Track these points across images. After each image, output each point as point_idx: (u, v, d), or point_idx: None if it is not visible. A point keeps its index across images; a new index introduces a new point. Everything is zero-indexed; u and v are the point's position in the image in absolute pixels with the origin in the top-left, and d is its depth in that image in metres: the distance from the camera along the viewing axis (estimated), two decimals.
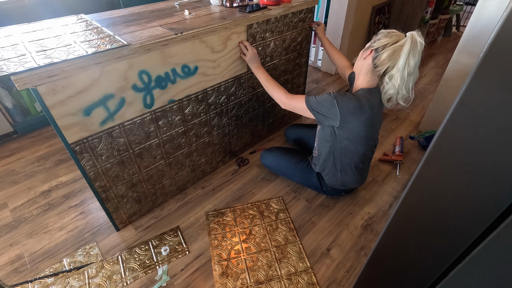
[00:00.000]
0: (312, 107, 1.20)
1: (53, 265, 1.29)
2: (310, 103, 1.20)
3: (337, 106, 1.13)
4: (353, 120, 1.16)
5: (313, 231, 1.43)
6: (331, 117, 1.17)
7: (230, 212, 1.52)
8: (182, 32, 1.15)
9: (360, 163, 1.34)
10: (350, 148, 1.27)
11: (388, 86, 1.11)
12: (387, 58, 1.07)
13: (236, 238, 1.40)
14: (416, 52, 1.03)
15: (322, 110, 1.17)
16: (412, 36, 1.03)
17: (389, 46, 1.06)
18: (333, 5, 2.55)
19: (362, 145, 1.27)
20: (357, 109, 1.13)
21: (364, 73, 1.18)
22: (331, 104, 1.14)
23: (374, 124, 1.21)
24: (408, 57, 1.03)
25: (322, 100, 1.16)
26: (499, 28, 0.37)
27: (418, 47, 1.03)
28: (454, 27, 3.85)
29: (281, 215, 1.50)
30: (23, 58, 0.91)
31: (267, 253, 1.33)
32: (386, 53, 1.07)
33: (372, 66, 1.13)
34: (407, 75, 1.06)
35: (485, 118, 0.43)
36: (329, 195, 1.58)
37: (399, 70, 1.06)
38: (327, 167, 1.41)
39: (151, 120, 1.26)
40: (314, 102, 1.19)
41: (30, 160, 1.85)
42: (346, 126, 1.18)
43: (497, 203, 0.47)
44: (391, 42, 1.06)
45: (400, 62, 1.04)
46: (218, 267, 1.28)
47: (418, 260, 0.69)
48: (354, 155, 1.30)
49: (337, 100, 1.13)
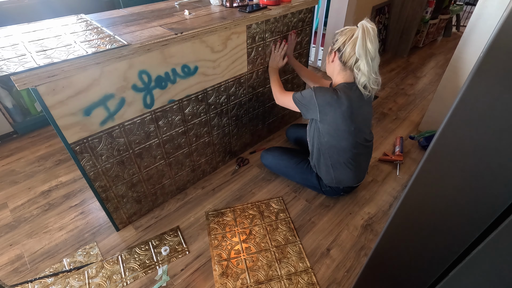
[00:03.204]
0: (296, 99, 1.32)
1: (53, 265, 1.29)
2: (295, 97, 1.32)
3: (314, 97, 1.23)
4: (330, 111, 1.23)
5: (313, 231, 1.43)
6: (311, 108, 1.26)
7: (230, 212, 1.52)
8: (182, 32, 1.15)
9: (350, 159, 1.36)
10: (333, 143, 1.31)
11: (360, 75, 1.20)
12: (351, 52, 1.17)
13: (236, 238, 1.40)
14: (371, 38, 1.12)
15: (304, 102, 1.29)
16: (363, 25, 1.12)
17: (348, 42, 1.17)
18: (333, 5, 2.55)
19: (345, 140, 1.29)
20: (333, 100, 1.21)
21: (337, 72, 1.28)
22: (310, 96, 1.24)
23: (354, 117, 1.24)
24: (366, 44, 1.12)
25: (304, 93, 1.28)
26: (499, 28, 0.37)
27: (371, 32, 1.12)
28: (454, 27, 3.85)
29: (281, 215, 1.50)
30: (23, 58, 0.91)
31: (267, 253, 1.33)
32: (348, 48, 1.17)
33: (341, 65, 1.23)
34: (371, 60, 1.15)
35: (485, 118, 0.43)
36: (329, 195, 1.58)
37: (363, 59, 1.15)
38: (320, 165, 1.43)
39: (151, 120, 1.26)
40: (298, 95, 1.31)
41: (30, 160, 1.85)
42: (326, 118, 1.25)
43: (497, 203, 0.47)
44: (348, 37, 1.17)
45: (361, 51, 1.13)
46: (218, 267, 1.28)
47: (418, 260, 0.69)
48: (339, 150, 1.33)
49: (315, 92, 1.23)
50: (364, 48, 1.12)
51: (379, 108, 2.34)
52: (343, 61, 1.21)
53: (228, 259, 1.31)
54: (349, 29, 1.19)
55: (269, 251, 1.34)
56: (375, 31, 1.12)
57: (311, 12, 1.69)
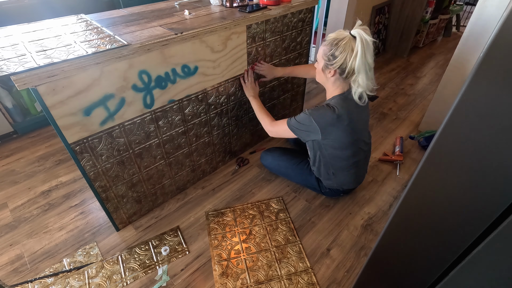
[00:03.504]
0: (293, 127, 1.26)
1: (53, 265, 1.29)
2: (291, 124, 1.26)
3: (314, 121, 1.18)
4: (333, 130, 1.20)
5: (313, 231, 1.43)
6: (312, 131, 1.22)
7: (230, 212, 1.52)
8: (182, 32, 1.15)
9: (352, 165, 1.36)
10: (337, 153, 1.30)
11: (357, 87, 1.15)
12: (352, 67, 1.10)
13: (236, 238, 1.40)
14: (370, 51, 1.07)
15: (303, 128, 1.23)
16: (361, 38, 1.05)
17: (350, 58, 1.08)
18: (333, 5, 2.55)
19: (349, 149, 1.29)
20: (334, 120, 1.17)
21: (332, 83, 1.21)
22: (309, 121, 1.20)
23: (356, 128, 1.24)
24: (365, 57, 1.06)
25: (301, 119, 1.22)
26: (499, 28, 0.37)
27: (370, 45, 1.06)
28: (454, 27, 3.85)
29: (281, 215, 1.50)
30: (23, 58, 0.91)
31: (267, 253, 1.33)
32: (349, 65, 1.09)
33: (341, 78, 1.16)
34: (369, 70, 1.10)
35: (485, 118, 0.43)
36: (328, 196, 1.58)
37: (362, 72, 1.09)
38: (321, 171, 1.43)
39: (151, 120, 1.26)
40: (294, 122, 1.25)
41: (30, 160, 1.85)
42: (329, 137, 1.23)
43: (497, 203, 0.47)
44: (348, 53, 1.08)
45: (361, 66, 1.08)
46: (218, 267, 1.28)
47: (418, 260, 0.69)
48: (343, 159, 1.33)
49: (312, 116, 1.18)
50: (364, 63, 1.08)
51: (379, 108, 2.34)
52: (344, 76, 1.15)
53: (228, 259, 1.31)
54: (345, 42, 1.09)
55: (269, 251, 1.34)
56: (373, 42, 1.07)
57: (311, 12, 1.69)
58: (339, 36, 1.11)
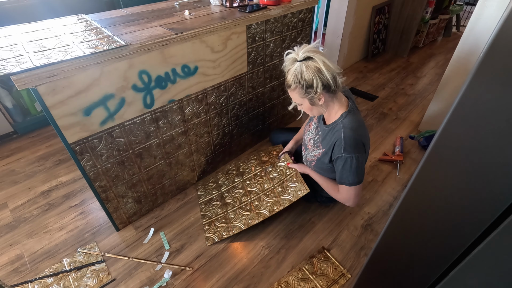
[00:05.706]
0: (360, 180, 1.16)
1: (53, 265, 1.29)
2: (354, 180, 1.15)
3: (362, 160, 1.13)
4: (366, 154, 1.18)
5: (313, 231, 1.43)
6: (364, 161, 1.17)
7: None
8: (182, 32, 1.15)
9: None
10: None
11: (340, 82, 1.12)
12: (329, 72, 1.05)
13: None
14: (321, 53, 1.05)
15: (363, 171, 1.16)
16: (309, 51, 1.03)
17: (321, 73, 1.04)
18: (333, 5, 2.55)
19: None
20: (366, 146, 1.16)
21: (328, 105, 1.16)
22: (361, 163, 1.13)
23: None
24: (325, 58, 1.04)
25: (355, 169, 1.13)
26: (499, 28, 0.37)
27: (318, 49, 1.03)
28: (454, 27, 3.85)
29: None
30: (20, 59, 0.91)
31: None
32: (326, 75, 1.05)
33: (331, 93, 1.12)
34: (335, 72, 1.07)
35: (485, 118, 0.43)
36: (324, 204, 1.53)
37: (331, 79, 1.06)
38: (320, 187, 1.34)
39: (151, 120, 1.26)
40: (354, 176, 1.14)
41: (30, 160, 1.85)
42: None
43: (497, 203, 0.47)
44: (314, 71, 1.04)
45: (330, 64, 1.05)
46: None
47: (418, 260, 0.69)
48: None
49: (356, 158, 1.11)
50: (328, 70, 1.03)
51: (379, 108, 2.34)
52: (332, 89, 1.08)
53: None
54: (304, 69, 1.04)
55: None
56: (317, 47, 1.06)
57: (311, 12, 1.69)
58: (295, 72, 1.06)
